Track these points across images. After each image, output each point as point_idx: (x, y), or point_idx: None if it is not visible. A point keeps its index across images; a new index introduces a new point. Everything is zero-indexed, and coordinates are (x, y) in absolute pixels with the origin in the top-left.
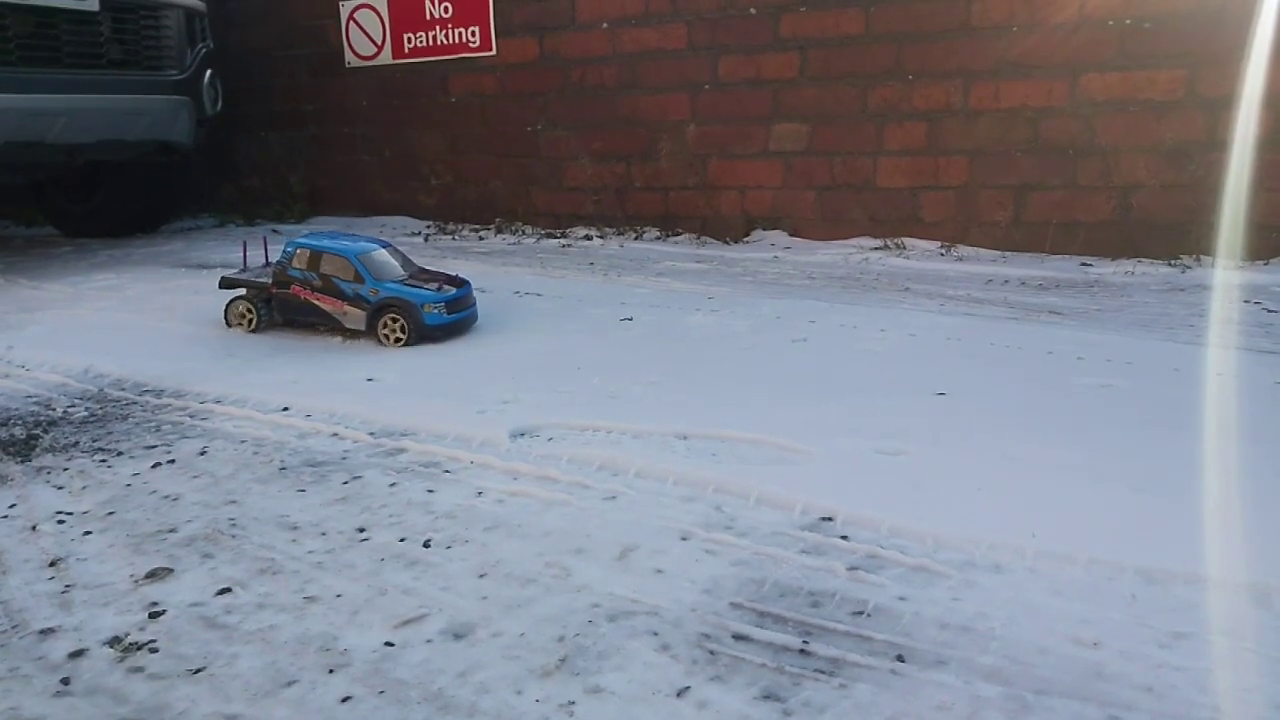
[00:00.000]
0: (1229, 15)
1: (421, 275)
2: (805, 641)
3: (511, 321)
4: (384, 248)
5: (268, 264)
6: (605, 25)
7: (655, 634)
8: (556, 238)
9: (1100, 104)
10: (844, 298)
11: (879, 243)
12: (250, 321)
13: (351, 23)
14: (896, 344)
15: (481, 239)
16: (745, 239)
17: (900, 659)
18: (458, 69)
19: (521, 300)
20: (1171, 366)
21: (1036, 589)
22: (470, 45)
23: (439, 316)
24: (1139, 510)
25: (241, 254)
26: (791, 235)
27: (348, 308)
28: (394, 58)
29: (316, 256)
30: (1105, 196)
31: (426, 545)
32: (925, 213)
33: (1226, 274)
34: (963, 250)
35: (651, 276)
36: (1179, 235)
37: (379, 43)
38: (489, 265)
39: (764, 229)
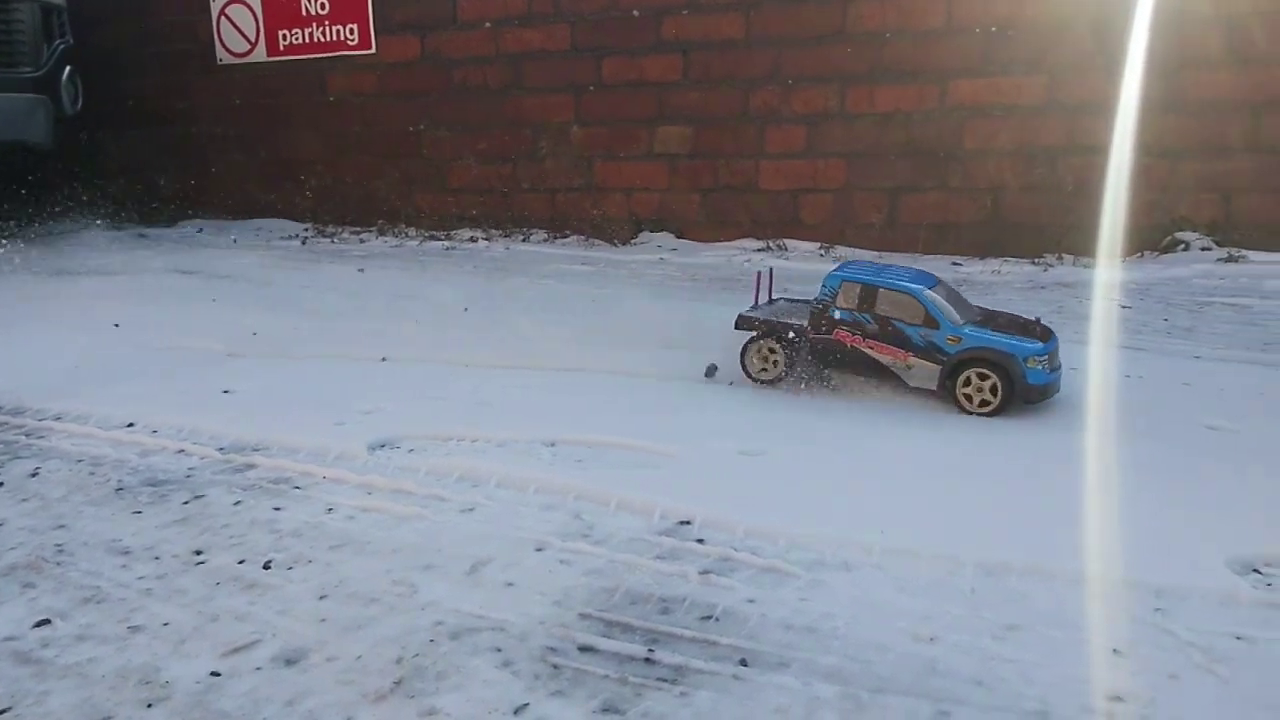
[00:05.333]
0: (1086, 26)
1: (994, 318)
2: (651, 650)
3: (385, 328)
4: (935, 284)
5: (770, 300)
6: (488, 25)
7: (498, 650)
8: (440, 240)
9: (968, 109)
10: (724, 299)
11: (762, 244)
12: (775, 370)
13: (223, 18)
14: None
15: (363, 241)
16: (633, 241)
17: (744, 663)
18: (336, 67)
19: (398, 305)
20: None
21: (882, 586)
22: (349, 43)
23: (1043, 374)
24: (986, 504)
25: (754, 286)
26: (678, 237)
27: (914, 359)
28: (269, 55)
29: (871, 293)
30: (973, 198)
31: (267, 567)
32: (805, 215)
33: (1085, 272)
34: (841, 251)
35: (536, 279)
36: (1042, 235)
37: (252, 39)
38: (368, 268)
39: (651, 231)
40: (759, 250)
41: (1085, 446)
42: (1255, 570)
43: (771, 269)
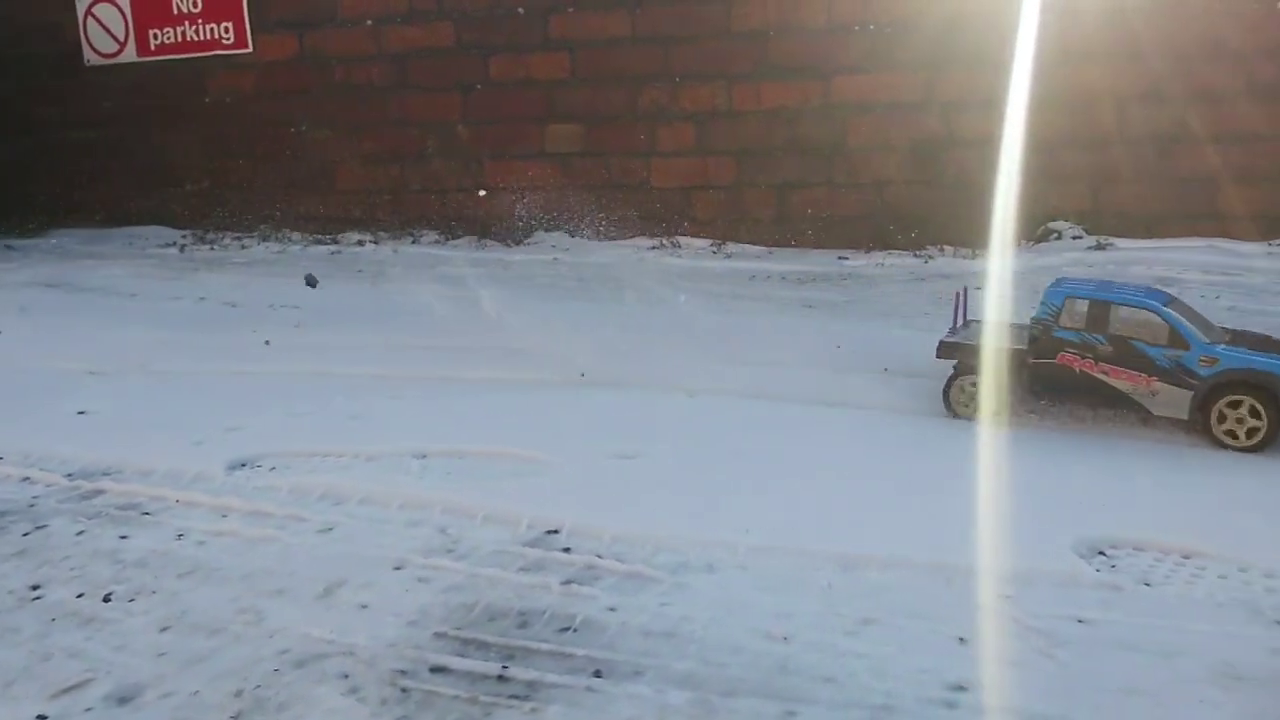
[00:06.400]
0: (963, 23)
1: (1242, 337)
2: (505, 666)
3: (258, 339)
4: (1169, 300)
5: (965, 322)
6: (369, 22)
7: (346, 676)
8: (326, 244)
9: (851, 105)
10: (615, 299)
11: (655, 242)
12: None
13: (90, 18)
14: (644, 343)
15: (244, 248)
16: (527, 241)
17: (598, 674)
18: (211, 67)
19: (277, 313)
20: (899, 353)
21: (743, 585)
22: (224, 42)
23: None
24: (853, 498)
25: (954, 305)
26: (572, 236)
27: (1159, 384)
28: (139, 55)
29: (1103, 310)
30: (858, 193)
31: (107, 600)
32: (697, 212)
33: (965, 263)
34: (732, 248)
35: (423, 283)
36: (924, 228)
37: (121, 40)
38: (248, 276)
39: (545, 230)
40: (652, 248)
41: (947, 437)
42: (1101, 553)
43: (966, 287)
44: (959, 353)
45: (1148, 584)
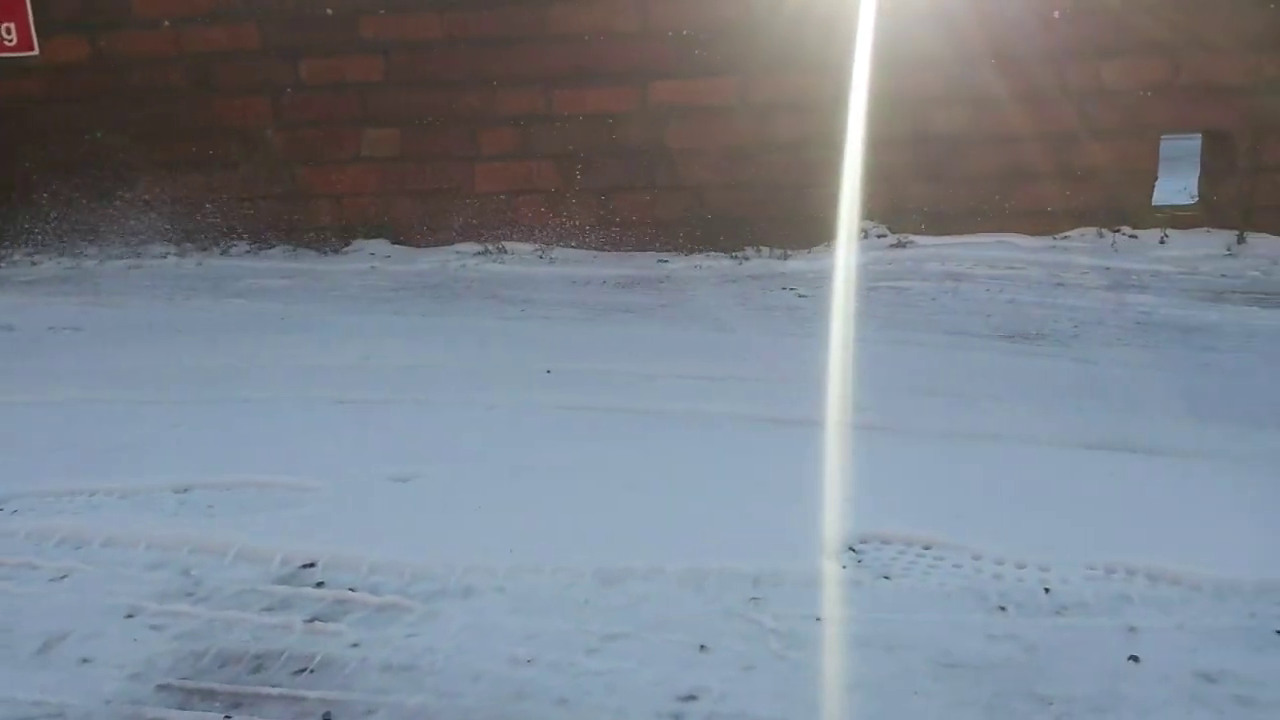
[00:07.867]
0: (778, 28)
1: None
2: (229, 716)
3: (29, 367)
4: None
5: None
6: (167, 23)
7: None
8: (126, 258)
9: (668, 109)
10: (429, 309)
11: (480, 248)
12: None
13: None
14: (460, 358)
15: (35, 264)
16: (345, 249)
17: (327, 717)
18: None
19: (57, 337)
20: (730, 354)
21: (498, 608)
22: (7, 43)
23: None
24: (628, 506)
25: None
26: (394, 243)
27: None
28: None
29: None
30: (679, 196)
31: None
32: (521, 217)
33: (777, 264)
34: (558, 252)
35: (225, 298)
36: (742, 230)
37: None
38: (31, 296)
39: (365, 238)
40: (477, 254)
41: (715, 439)
42: (851, 549)
43: None
44: None
45: (887, 577)
